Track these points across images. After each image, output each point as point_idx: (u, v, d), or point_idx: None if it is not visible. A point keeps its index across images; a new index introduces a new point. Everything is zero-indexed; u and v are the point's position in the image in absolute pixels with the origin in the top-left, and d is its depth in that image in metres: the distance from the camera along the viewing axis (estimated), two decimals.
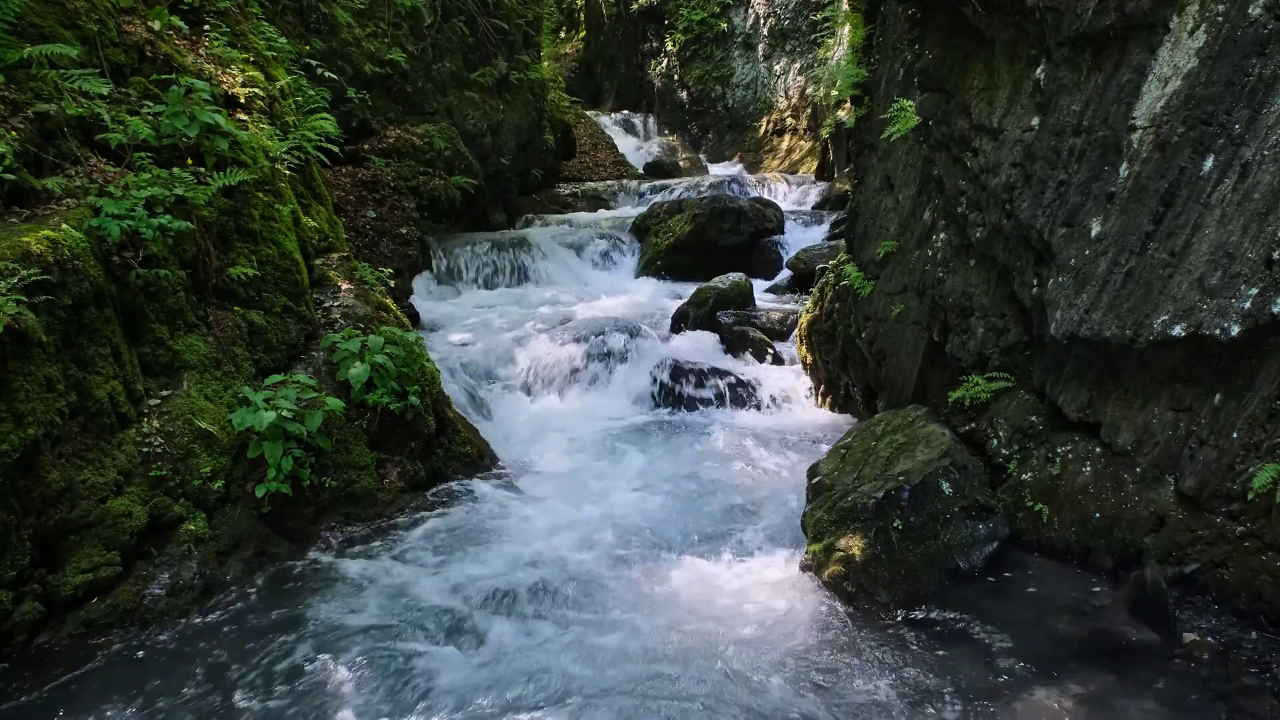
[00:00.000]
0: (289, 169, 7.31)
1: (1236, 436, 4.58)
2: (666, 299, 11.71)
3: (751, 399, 9.07)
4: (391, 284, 8.48)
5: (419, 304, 11.21)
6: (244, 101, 6.98)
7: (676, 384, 9.27)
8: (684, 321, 10.46)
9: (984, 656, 4.51)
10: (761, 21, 24.29)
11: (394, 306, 7.98)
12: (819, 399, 9.03)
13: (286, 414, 5.70)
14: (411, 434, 6.76)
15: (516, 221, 15.30)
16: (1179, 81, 4.60)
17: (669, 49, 25.89)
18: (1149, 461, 4.98)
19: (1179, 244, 4.65)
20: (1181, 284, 4.64)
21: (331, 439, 6.13)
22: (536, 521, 6.32)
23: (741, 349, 9.81)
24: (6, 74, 5.22)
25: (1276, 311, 4.33)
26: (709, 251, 13.23)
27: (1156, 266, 4.73)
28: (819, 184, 18.21)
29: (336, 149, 8.54)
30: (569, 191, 17.70)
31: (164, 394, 5.54)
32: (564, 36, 29.55)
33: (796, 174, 20.13)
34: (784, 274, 12.83)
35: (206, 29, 7.23)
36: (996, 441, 5.86)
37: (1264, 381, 4.51)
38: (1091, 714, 4.05)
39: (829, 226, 13.83)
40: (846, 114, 11.77)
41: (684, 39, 25.31)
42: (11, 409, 4.40)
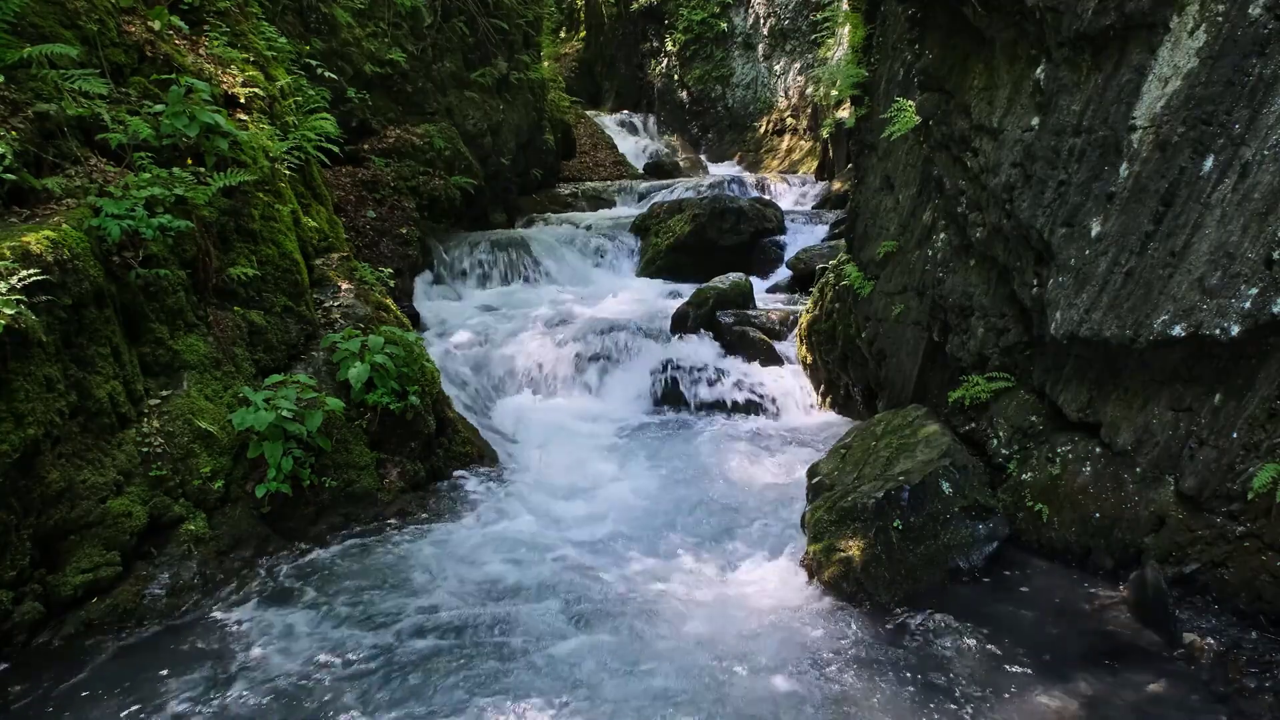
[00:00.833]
0: (289, 169, 7.31)
1: (1236, 436, 4.58)
2: (666, 299, 11.70)
3: (751, 399, 9.07)
4: (391, 284, 8.48)
5: (419, 304, 11.20)
6: (244, 101, 6.98)
7: (676, 384, 9.28)
8: (684, 322, 10.45)
9: (984, 656, 4.51)
10: (761, 21, 24.28)
11: (394, 306, 7.99)
12: (819, 399, 9.03)
13: (286, 414, 5.71)
14: (411, 434, 6.77)
15: (517, 221, 15.27)
16: (1179, 81, 4.60)
17: (669, 49, 25.88)
18: (1149, 461, 4.99)
19: (1179, 244, 4.65)
20: (1181, 284, 4.64)
21: (331, 439, 6.14)
22: (536, 521, 6.33)
23: (741, 349, 9.80)
24: (6, 74, 5.23)
25: (1276, 311, 4.33)
26: (709, 251, 13.23)
27: (1156, 266, 4.73)
28: (819, 184, 18.20)
29: (336, 149, 8.53)
30: (569, 191, 17.68)
31: (164, 394, 5.54)
32: (564, 36, 29.54)
33: (796, 174, 20.11)
34: (784, 274, 12.83)
35: (206, 29, 7.23)
36: (996, 441, 5.87)
37: (1264, 381, 4.51)
38: (1091, 714, 4.05)
39: (829, 226, 13.81)
40: (846, 114, 11.76)
41: (684, 39, 25.29)
42: (11, 409, 4.40)
